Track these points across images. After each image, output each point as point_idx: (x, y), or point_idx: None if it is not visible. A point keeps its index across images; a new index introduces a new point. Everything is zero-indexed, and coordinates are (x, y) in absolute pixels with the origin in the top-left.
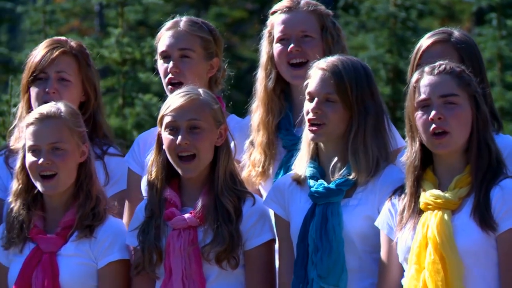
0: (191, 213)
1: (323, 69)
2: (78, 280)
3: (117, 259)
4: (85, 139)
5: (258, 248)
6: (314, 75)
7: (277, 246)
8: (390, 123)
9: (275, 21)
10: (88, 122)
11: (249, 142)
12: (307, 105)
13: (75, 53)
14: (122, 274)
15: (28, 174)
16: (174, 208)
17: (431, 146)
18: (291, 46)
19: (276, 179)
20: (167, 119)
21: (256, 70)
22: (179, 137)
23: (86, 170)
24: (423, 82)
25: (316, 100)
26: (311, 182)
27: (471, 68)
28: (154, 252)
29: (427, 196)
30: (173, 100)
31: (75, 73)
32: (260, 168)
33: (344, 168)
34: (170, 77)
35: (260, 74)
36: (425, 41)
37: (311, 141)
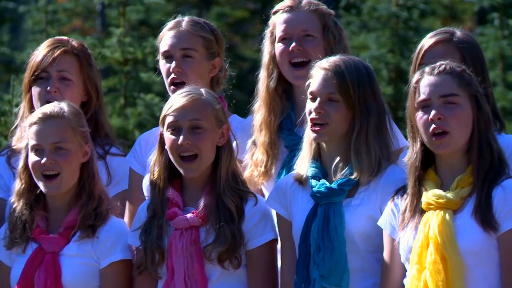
0: (193, 213)
1: (326, 69)
2: (81, 280)
3: (119, 259)
4: (88, 139)
5: (260, 248)
6: (316, 75)
7: (279, 246)
8: (392, 122)
9: (277, 21)
10: (90, 122)
11: (251, 142)
12: (309, 105)
13: (76, 52)
14: (124, 274)
15: (31, 174)
16: (176, 208)
17: (432, 147)
18: (293, 45)
19: (278, 179)
20: (169, 119)
21: (258, 70)
22: (181, 137)
23: (88, 170)
24: (423, 82)
25: (318, 100)
26: (313, 182)
27: (473, 68)
28: (156, 252)
29: (429, 196)
30: (175, 100)
31: (77, 72)
32: (263, 168)
33: (346, 168)
34: (172, 77)
35: (262, 74)
36: (427, 41)
37: (313, 141)
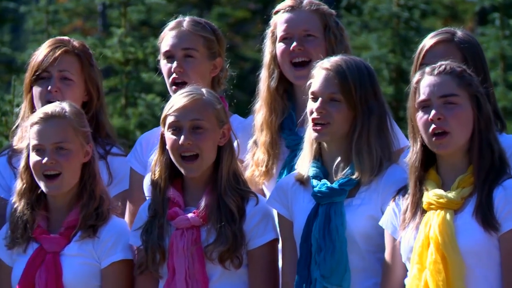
0: (194, 212)
1: (327, 69)
2: (82, 280)
3: (120, 259)
4: (89, 139)
5: (261, 248)
6: (318, 75)
7: (280, 245)
8: (393, 122)
9: (278, 21)
10: (91, 122)
11: (253, 141)
12: (310, 105)
13: (77, 52)
14: (125, 274)
15: (32, 174)
16: (177, 208)
17: (432, 147)
18: (294, 45)
19: (279, 179)
20: (170, 119)
21: (259, 70)
22: (182, 137)
23: (89, 170)
24: (424, 82)
25: (320, 100)
26: (314, 182)
27: (474, 68)
28: (157, 252)
29: (430, 195)
30: (176, 100)
31: (78, 72)
32: (264, 168)
33: (347, 167)
34: (174, 77)
35: (263, 73)
36: (428, 41)
37: (314, 141)
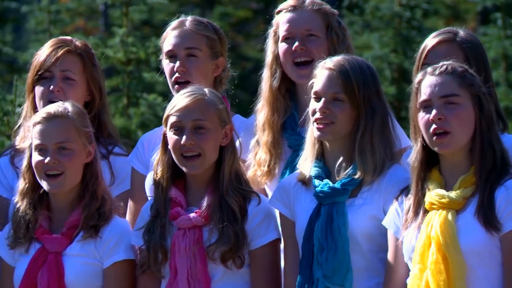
0: (196, 212)
1: (330, 68)
2: (84, 280)
3: (122, 259)
4: (92, 139)
5: (263, 248)
6: (320, 74)
7: (282, 245)
8: (395, 122)
9: (280, 20)
10: (93, 122)
11: (255, 141)
12: (313, 105)
13: (80, 52)
14: (127, 274)
15: (34, 173)
16: (179, 208)
17: (432, 146)
18: (296, 44)
19: (281, 179)
20: (172, 119)
21: (262, 70)
22: (184, 138)
23: (92, 170)
24: (425, 82)
25: (323, 99)
26: (316, 182)
27: (476, 67)
28: (160, 251)
29: (432, 195)
30: (179, 100)
31: (80, 72)
32: (266, 168)
33: (349, 167)
34: (176, 76)
35: (266, 73)
36: (430, 40)
37: (316, 141)
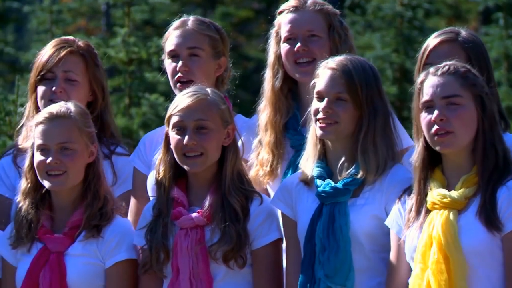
0: (199, 212)
1: (333, 68)
2: (86, 280)
3: (124, 258)
4: (94, 140)
5: (265, 248)
6: (323, 74)
7: (284, 245)
8: (397, 122)
9: (282, 21)
10: (96, 122)
11: (258, 141)
12: (315, 105)
13: (82, 52)
14: (129, 273)
15: (37, 173)
16: (181, 208)
17: (434, 145)
18: (298, 45)
19: (284, 179)
20: (174, 119)
21: (264, 70)
22: (186, 137)
23: (94, 170)
24: (427, 83)
25: (326, 99)
26: (318, 181)
27: (478, 67)
28: (162, 251)
29: (434, 195)
30: (181, 100)
31: (82, 72)
32: (268, 168)
33: (351, 167)
34: (179, 75)
35: (268, 73)
36: (432, 40)
37: (318, 141)
